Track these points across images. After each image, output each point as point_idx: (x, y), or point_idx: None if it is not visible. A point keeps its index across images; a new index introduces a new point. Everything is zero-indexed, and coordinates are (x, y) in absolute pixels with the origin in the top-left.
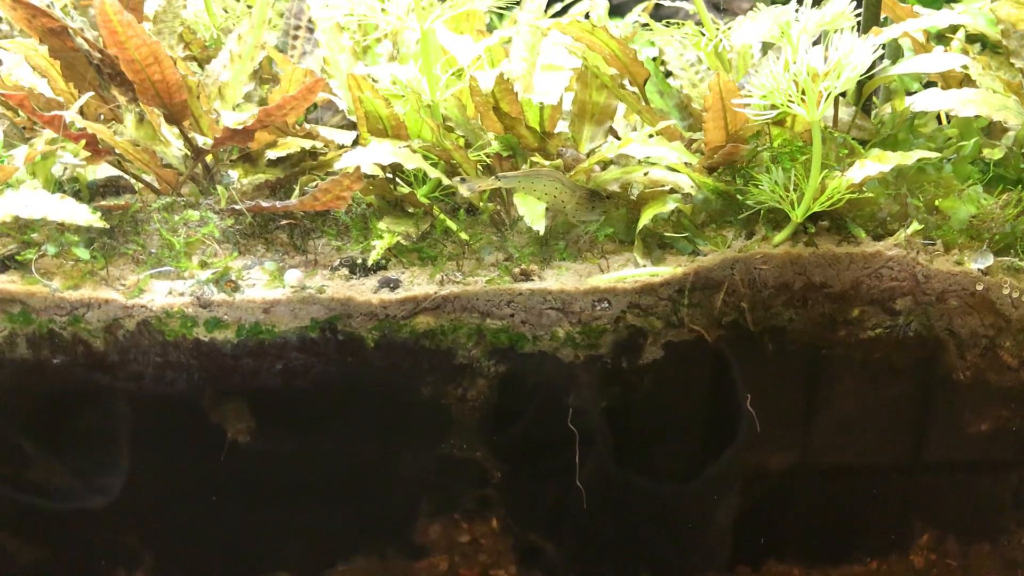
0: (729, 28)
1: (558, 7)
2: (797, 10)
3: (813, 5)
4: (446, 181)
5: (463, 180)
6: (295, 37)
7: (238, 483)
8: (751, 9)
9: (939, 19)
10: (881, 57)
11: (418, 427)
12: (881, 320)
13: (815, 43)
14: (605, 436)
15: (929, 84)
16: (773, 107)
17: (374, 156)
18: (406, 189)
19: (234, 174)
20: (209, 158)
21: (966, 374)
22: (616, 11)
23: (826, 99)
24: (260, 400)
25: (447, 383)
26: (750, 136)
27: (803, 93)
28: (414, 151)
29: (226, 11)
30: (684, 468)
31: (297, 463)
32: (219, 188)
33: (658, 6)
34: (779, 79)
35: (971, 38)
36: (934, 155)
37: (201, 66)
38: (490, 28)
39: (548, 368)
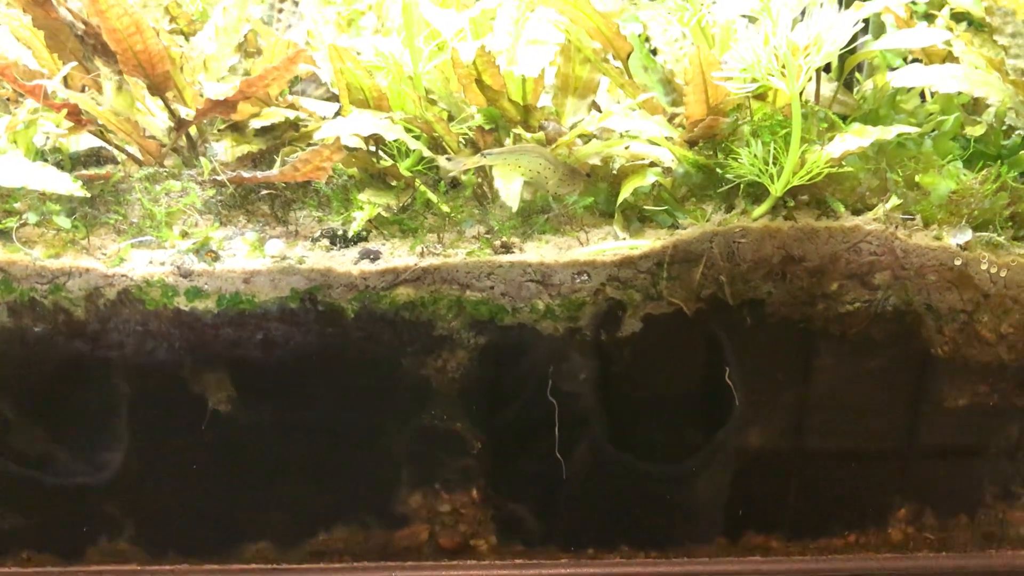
0: (713, 2)
1: None
2: None
3: None
4: (428, 154)
5: (448, 158)
6: (280, 10)
7: (219, 453)
8: None
9: None
10: (865, 31)
11: (399, 398)
12: (860, 294)
13: (800, 17)
14: (584, 408)
15: (914, 61)
16: (753, 81)
17: (354, 127)
18: (389, 162)
19: (218, 145)
20: (193, 130)
21: (944, 349)
22: None
23: (806, 73)
24: (241, 370)
25: (427, 354)
26: (730, 110)
27: (783, 67)
28: (395, 123)
29: None
30: (664, 441)
31: (278, 433)
32: (202, 159)
33: None
34: (759, 53)
35: (957, 16)
36: (914, 130)
37: (188, 40)
38: None
39: (528, 340)
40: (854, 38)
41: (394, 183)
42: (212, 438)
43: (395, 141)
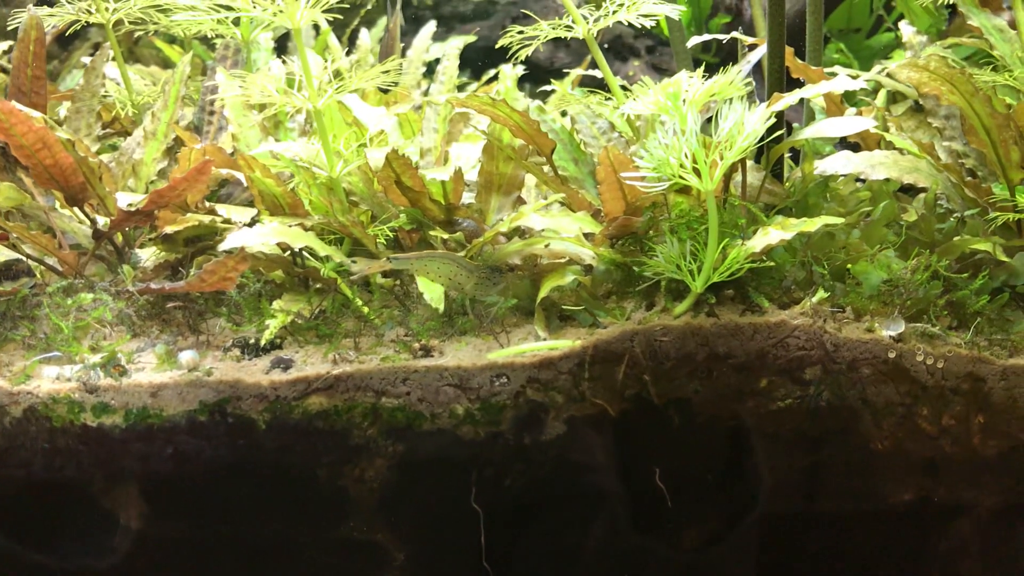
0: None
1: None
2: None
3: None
4: (338, 259)
5: (354, 261)
6: (211, 113)
7: (131, 569)
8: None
9: (837, 84)
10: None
11: (315, 510)
12: (791, 390)
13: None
14: (510, 514)
15: (852, 145)
16: (665, 179)
17: (259, 237)
18: (313, 262)
19: (141, 253)
20: (119, 237)
21: (884, 444)
22: (558, 75)
23: (721, 169)
24: (152, 485)
25: (344, 464)
26: (647, 207)
27: (695, 164)
28: (307, 228)
29: (154, 84)
30: (594, 546)
31: (192, 548)
32: (125, 268)
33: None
34: (668, 150)
35: (897, 96)
36: (839, 220)
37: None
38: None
39: (448, 446)
40: (774, 129)
41: (320, 286)
42: (124, 554)
43: (303, 248)
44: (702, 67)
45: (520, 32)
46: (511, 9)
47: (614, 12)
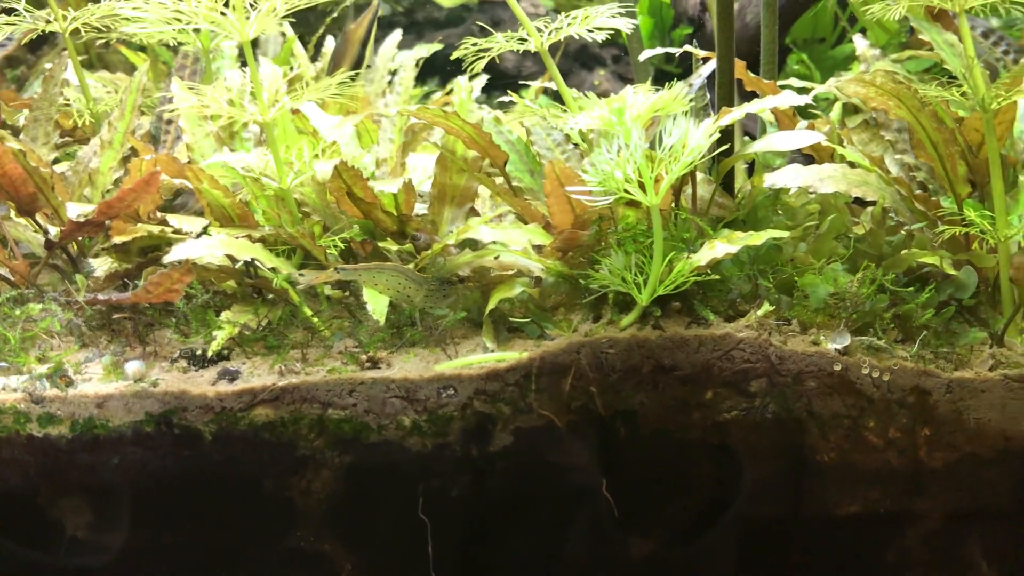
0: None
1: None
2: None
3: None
4: (285, 270)
5: (301, 273)
6: (169, 122)
7: None
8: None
9: (783, 99)
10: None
11: (263, 521)
12: (737, 403)
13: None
14: (458, 525)
15: (806, 157)
16: (610, 193)
17: (204, 249)
18: (267, 273)
19: (94, 263)
20: (74, 247)
21: (831, 456)
22: (526, 84)
23: (665, 184)
24: (99, 496)
25: (291, 475)
26: (594, 220)
27: (640, 179)
28: (255, 240)
29: (117, 92)
30: (542, 557)
31: (139, 559)
32: (78, 278)
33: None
34: (613, 165)
35: (852, 109)
36: (784, 234)
37: None
38: None
39: (395, 458)
40: (723, 142)
41: (271, 296)
42: (71, 565)
43: (249, 260)
44: (648, 81)
45: (474, 44)
46: (482, 17)
47: (568, 25)
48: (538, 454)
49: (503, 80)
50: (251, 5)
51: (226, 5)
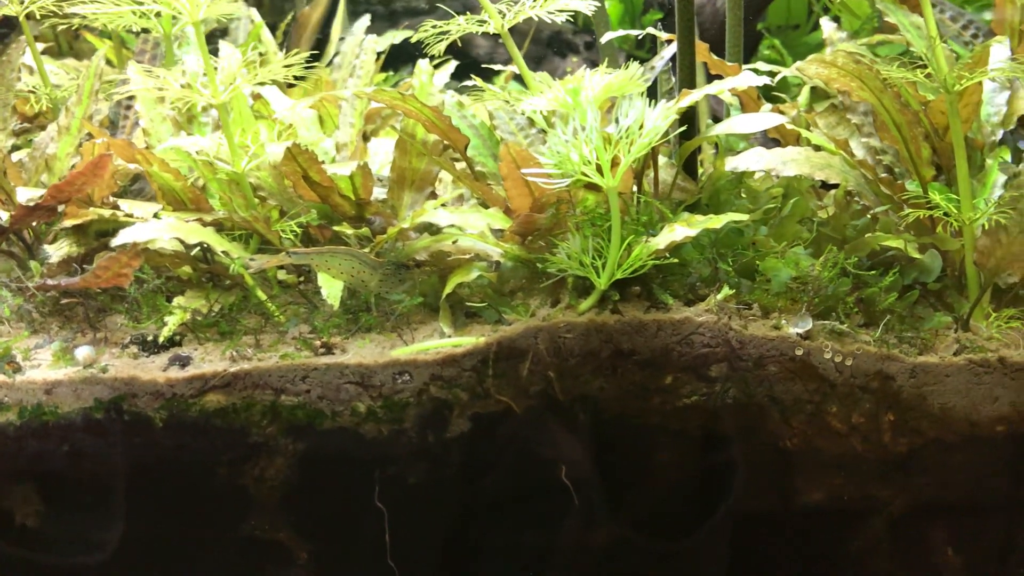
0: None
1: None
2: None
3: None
4: (236, 255)
5: (252, 258)
6: (128, 107)
7: (27, 568)
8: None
9: (741, 80)
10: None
11: (216, 508)
12: (697, 387)
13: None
14: (415, 512)
15: (772, 140)
16: (565, 176)
17: (151, 232)
18: (224, 259)
19: (50, 249)
20: (30, 233)
21: (793, 441)
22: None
23: (622, 167)
24: (49, 483)
25: (244, 462)
26: (551, 203)
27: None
28: (206, 224)
29: (79, 74)
30: (501, 544)
31: (90, 547)
32: (33, 264)
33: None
34: (569, 147)
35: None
36: (743, 217)
37: None
38: None
39: (351, 444)
40: (686, 125)
41: (227, 282)
42: (20, 554)
43: (196, 244)
44: (603, 65)
45: (434, 26)
46: (456, 5)
47: (531, 8)
48: (496, 440)
49: (476, 66)
50: None
51: None
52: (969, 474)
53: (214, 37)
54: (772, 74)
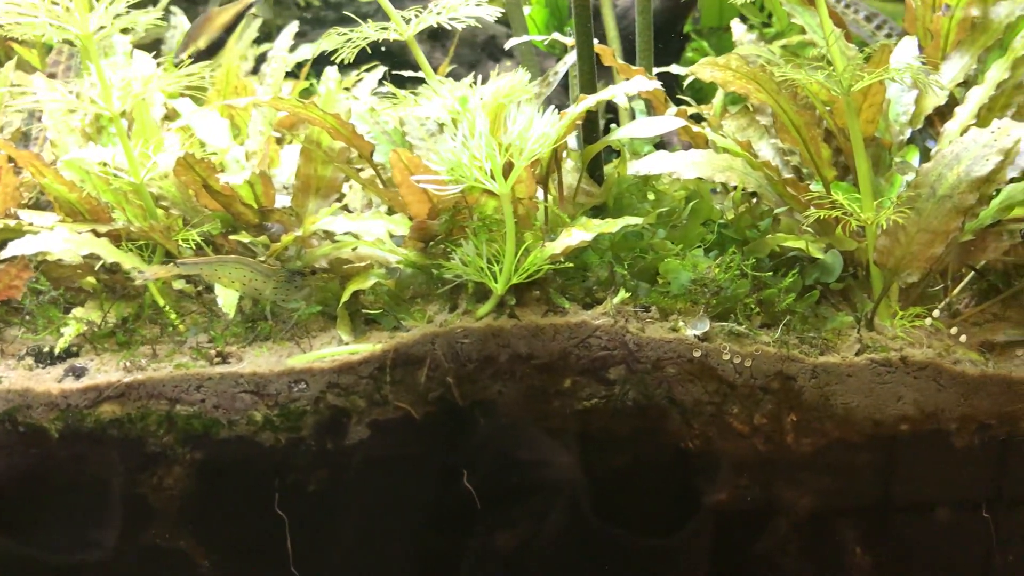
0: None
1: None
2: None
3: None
4: (126, 265)
5: (140, 270)
6: (40, 119)
7: None
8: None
9: (634, 84)
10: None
11: (115, 518)
12: (596, 390)
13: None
14: (316, 520)
15: (686, 143)
16: (458, 182)
17: (40, 244)
18: (128, 265)
19: None
20: None
21: (695, 443)
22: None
23: (515, 172)
24: None
25: (141, 472)
26: (445, 210)
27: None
28: (100, 234)
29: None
30: (404, 551)
31: None
32: None
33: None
34: (459, 153)
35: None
36: (637, 221)
37: None
38: None
39: (249, 453)
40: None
41: (130, 292)
42: None
43: (87, 255)
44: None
45: (340, 34)
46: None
47: (437, 14)
48: (396, 447)
49: (408, 72)
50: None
51: None
52: (875, 473)
53: (156, 46)
54: (683, 77)
